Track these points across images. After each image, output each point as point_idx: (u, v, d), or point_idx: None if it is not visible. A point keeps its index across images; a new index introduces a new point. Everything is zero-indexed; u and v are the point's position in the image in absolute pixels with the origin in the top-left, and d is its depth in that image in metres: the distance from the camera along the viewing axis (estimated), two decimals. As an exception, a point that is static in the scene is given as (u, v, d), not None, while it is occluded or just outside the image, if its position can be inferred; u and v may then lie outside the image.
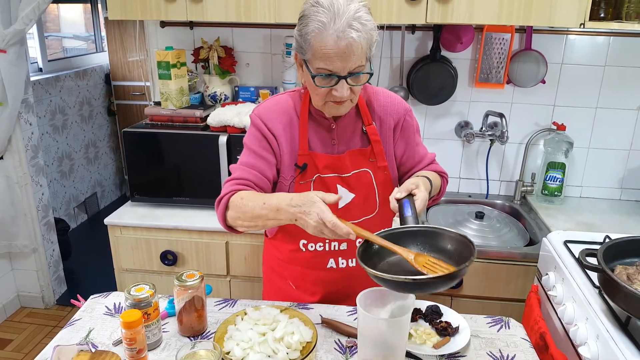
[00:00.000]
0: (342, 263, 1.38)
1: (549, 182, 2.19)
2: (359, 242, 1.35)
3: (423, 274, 0.99)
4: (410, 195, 1.18)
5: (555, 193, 2.20)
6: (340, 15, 1.11)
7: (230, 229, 1.28)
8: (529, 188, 2.25)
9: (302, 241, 1.36)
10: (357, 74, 1.17)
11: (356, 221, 1.33)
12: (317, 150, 1.32)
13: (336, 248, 1.36)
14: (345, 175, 1.33)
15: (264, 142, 1.30)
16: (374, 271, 0.98)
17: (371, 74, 1.22)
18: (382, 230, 1.13)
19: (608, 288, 1.22)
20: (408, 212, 1.14)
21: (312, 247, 1.36)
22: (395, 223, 1.33)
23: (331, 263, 1.38)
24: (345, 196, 1.33)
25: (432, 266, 1.02)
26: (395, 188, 1.23)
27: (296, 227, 1.26)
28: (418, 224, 1.12)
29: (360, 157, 1.34)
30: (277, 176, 1.34)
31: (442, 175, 1.47)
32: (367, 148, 1.35)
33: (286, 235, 1.38)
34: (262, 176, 1.29)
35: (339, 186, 1.33)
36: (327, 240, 1.35)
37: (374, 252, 1.09)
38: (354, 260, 1.38)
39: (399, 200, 1.17)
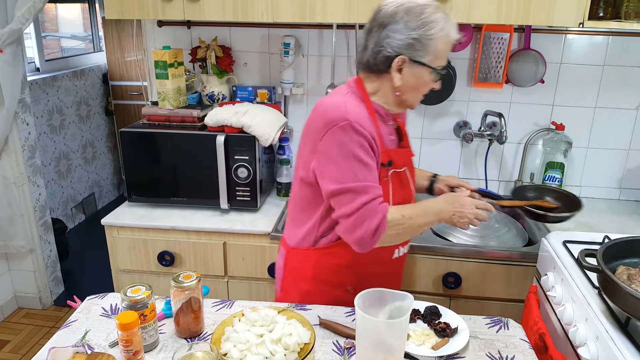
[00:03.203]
0: (401, 251, 1.45)
1: (547, 181, 2.19)
2: None
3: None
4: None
5: (554, 193, 2.19)
6: (450, 19, 1.26)
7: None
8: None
9: None
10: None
11: None
12: (390, 147, 1.37)
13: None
14: (406, 168, 1.40)
15: (370, 152, 1.26)
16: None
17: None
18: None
19: (607, 288, 1.21)
20: (494, 192, 1.62)
21: None
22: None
23: (395, 253, 1.43)
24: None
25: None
26: (461, 187, 1.55)
27: None
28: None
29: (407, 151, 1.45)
30: None
31: None
32: (402, 141, 1.44)
33: None
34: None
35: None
36: None
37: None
38: (406, 247, 1.48)
39: (475, 191, 1.52)
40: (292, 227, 1.46)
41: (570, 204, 1.57)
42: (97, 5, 4.59)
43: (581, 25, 1.74)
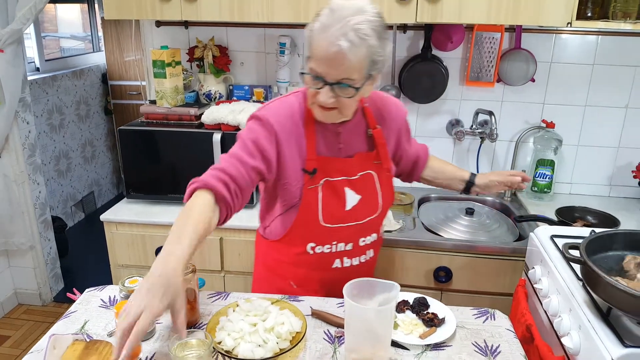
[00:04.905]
0: (347, 262, 1.42)
1: (538, 179, 2.23)
2: (363, 242, 1.41)
3: None
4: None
5: (545, 190, 2.23)
6: (340, 22, 1.11)
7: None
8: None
9: (310, 244, 1.38)
10: (344, 85, 1.16)
11: (361, 222, 1.38)
12: (325, 154, 1.33)
13: (342, 249, 1.39)
14: (353, 178, 1.35)
15: (262, 142, 1.26)
16: None
17: (357, 89, 1.18)
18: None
19: (589, 280, 1.25)
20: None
21: (319, 249, 1.38)
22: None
23: (336, 263, 1.41)
24: (352, 198, 1.36)
25: None
26: (513, 175, 1.59)
27: (305, 229, 1.34)
28: None
29: (366, 160, 1.38)
30: (268, 177, 1.31)
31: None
32: (372, 152, 1.39)
33: (295, 238, 1.38)
34: (247, 176, 1.23)
35: (347, 189, 1.35)
36: (334, 242, 1.38)
37: None
38: (357, 259, 1.43)
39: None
40: None
41: (609, 221, 1.96)
42: (96, 6, 4.62)
43: (569, 25, 1.78)
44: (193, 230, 1.06)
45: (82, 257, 3.66)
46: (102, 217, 2.04)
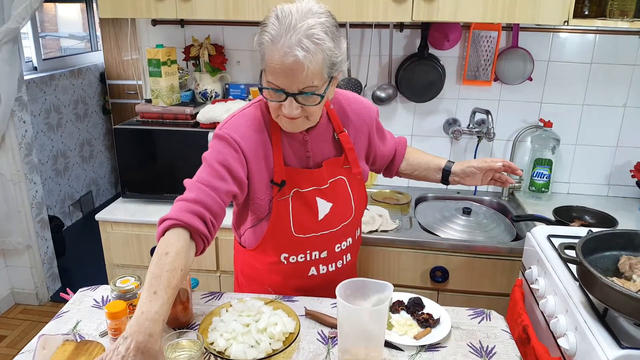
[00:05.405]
0: (323, 269, 1.40)
1: (536, 178, 2.22)
2: (338, 248, 1.39)
3: None
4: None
5: (542, 189, 2.22)
6: (290, 30, 1.06)
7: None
8: (516, 184, 2.27)
9: (284, 254, 1.35)
10: (308, 94, 1.13)
11: (334, 229, 1.35)
12: (293, 165, 1.30)
13: (317, 257, 1.37)
14: (324, 187, 1.33)
15: (232, 163, 1.21)
16: None
17: (322, 96, 1.15)
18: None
19: (585, 280, 1.24)
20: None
21: (293, 259, 1.36)
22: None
23: (312, 271, 1.39)
24: (324, 207, 1.33)
25: None
26: (494, 161, 1.44)
27: (277, 240, 1.32)
28: None
29: (335, 166, 1.35)
30: (241, 197, 1.28)
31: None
32: (340, 156, 1.36)
33: (267, 249, 1.36)
34: (222, 202, 1.18)
35: (318, 199, 1.32)
36: (307, 251, 1.36)
37: None
38: (333, 264, 1.40)
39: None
40: None
41: (607, 221, 1.92)
42: (94, 5, 4.62)
43: (566, 24, 1.77)
44: (168, 280, 1.00)
45: (79, 257, 3.65)
46: (98, 216, 2.03)
